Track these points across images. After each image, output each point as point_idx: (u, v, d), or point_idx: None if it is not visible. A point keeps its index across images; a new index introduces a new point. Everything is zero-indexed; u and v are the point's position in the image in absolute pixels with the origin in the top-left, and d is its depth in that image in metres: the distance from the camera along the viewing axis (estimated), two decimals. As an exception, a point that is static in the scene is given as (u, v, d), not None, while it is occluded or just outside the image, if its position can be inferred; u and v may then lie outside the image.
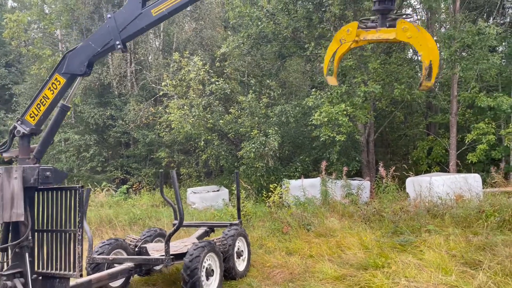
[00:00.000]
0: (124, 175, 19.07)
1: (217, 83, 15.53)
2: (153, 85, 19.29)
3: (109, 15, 4.14)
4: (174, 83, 16.07)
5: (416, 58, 19.54)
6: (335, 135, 13.28)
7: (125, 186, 16.36)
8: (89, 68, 4.15)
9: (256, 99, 15.29)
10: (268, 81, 16.49)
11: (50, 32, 22.09)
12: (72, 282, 4.20)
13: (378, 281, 5.68)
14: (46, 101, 4.03)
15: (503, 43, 15.24)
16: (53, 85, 4.06)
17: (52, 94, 4.05)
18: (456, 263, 6.16)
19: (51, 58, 19.47)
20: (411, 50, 18.30)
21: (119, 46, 4.07)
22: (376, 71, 13.34)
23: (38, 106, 4.03)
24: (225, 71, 17.32)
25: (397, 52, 15.35)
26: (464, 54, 13.28)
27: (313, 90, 15.11)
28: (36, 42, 20.56)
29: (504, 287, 5.13)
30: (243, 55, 17.28)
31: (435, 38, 14.19)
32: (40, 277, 3.91)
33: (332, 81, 4.67)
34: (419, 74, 17.68)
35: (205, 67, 15.82)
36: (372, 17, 4.21)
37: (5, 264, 3.80)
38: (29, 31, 23.61)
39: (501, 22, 17.03)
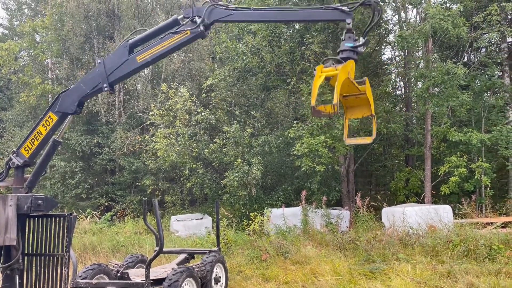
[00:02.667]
0: (109, 202, 19.20)
1: (203, 113, 16.06)
2: (141, 114, 19.74)
3: (99, 60, 4.62)
4: (161, 112, 16.56)
5: (394, 92, 20.46)
6: (315, 165, 13.81)
7: (109, 213, 16.51)
8: (80, 107, 4.59)
9: (241, 129, 15.82)
10: (252, 112, 17.09)
11: (41, 61, 22.54)
12: (57, 303, 4.51)
13: (345, 306, 6.06)
14: (40, 136, 4.47)
15: (476, 81, 16.18)
16: (47, 122, 4.50)
17: (45, 130, 4.48)
18: (420, 290, 6.58)
19: (40, 86, 19.85)
20: (389, 85, 19.22)
21: (106, 89, 4.52)
22: (354, 105, 14.01)
23: (32, 140, 4.46)
24: (211, 101, 17.89)
25: (374, 87, 16.13)
26: (436, 90, 14.10)
27: (295, 122, 15.72)
28: (26, 70, 20.95)
29: (459, 312, 5.55)
30: (230, 86, 17.93)
31: (411, 74, 15.07)
32: (28, 298, 4.23)
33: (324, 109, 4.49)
34: (396, 108, 18.54)
35: (192, 98, 16.38)
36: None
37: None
38: (20, 58, 24.06)
39: (474, 60, 18.05)
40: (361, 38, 4.43)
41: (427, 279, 7.00)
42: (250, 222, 11.69)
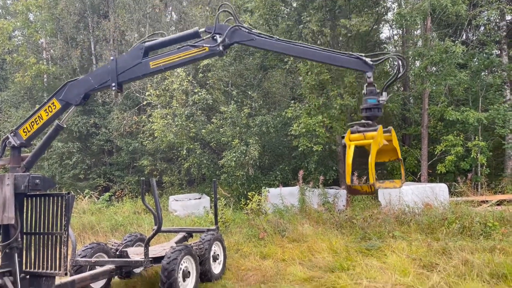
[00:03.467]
0: (107, 182, 19.25)
1: (200, 93, 15.97)
2: (137, 94, 19.62)
3: (112, 57, 4.51)
4: (157, 93, 16.46)
5: (391, 71, 20.33)
6: (312, 145, 13.86)
7: (107, 194, 16.59)
8: (84, 100, 4.52)
9: (238, 110, 15.77)
10: (250, 92, 17.00)
11: (35, 40, 22.24)
12: (57, 281, 4.56)
13: (342, 282, 6.16)
14: (40, 121, 4.43)
15: (474, 59, 16.08)
16: (49, 108, 4.46)
17: (47, 116, 4.44)
18: (415, 266, 6.68)
19: (35, 66, 19.65)
20: (387, 64, 19.09)
21: (114, 88, 4.43)
22: (352, 85, 13.96)
23: (32, 123, 4.42)
24: (208, 81, 17.78)
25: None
26: (434, 69, 14.04)
27: (292, 101, 15.66)
28: (21, 50, 20.69)
29: (454, 286, 5.65)
30: (226, 66, 17.78)
31: (409, 53, 14.95)
32: (28, 276, 4.27)
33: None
34: (394, 87, 18.45)
35: (189, 78, 16.26)
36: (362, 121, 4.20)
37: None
38: (13, 38, 23.72)
39: (472, 39, 17.91)
40: (383, 93, 4.17)
41: (422, 256, 7.10)
42: (248, 201, 11.79)
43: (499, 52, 16.16)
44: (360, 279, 6.17)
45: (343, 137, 3.96)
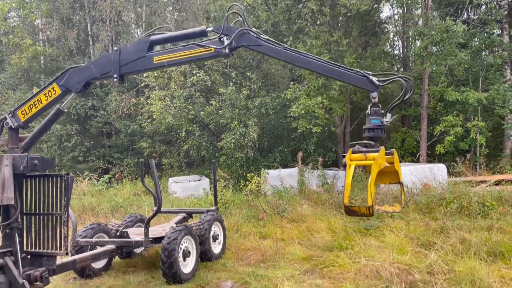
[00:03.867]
0: (106, 164, 19.28)
1: (198, 75, 15.86)
2: (135, 76, 19.47)
3: (116, 48, 4.41)
4: (155, 74, 16.32)
5: (392, 52, 20.19)
6: (311, 127, 13.83)
7: (107, 176, 16.62)
8: (85, 88, 4.45)
9: (237, 91, 15.68)
10: (248, 73, 16.88)
11: (31, 21, 21.96)
12: (58, 261, 4.60)
13: (341, 260, 6.23)
14: (39, 105, 4.39)
15: (474, 39, 15.93)
16: (49, 92, 4.40)
17: (46, 100, 4.39)
18: (413, 245, 6.75)
19: (31, 48, 19.44)
20: (387, 44, 18.94)
21: (115, 79, 4.35)
22: (352, 65, 13.85)
23: (31, 106, 4.38)
24: (206, 62, 17.62)
25: (373, 47, 15.89)
26: (434, 49, 13.92)
27: (292, 83, 15.57)
28: (17, 31, 20.44)
29: (451, 264, 5.71)
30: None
31: (410, 33, 14.80)
32: (29, 256, 4.30)
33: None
34: (394, 68, 18.33)
35: (187, 59, 16.10)
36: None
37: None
38: (9, 19, 23.40)
39: (473, 18, 17.71)
40: (387, 114, 4.01)
41: (420, 235, 7.16)
42: (247, 182, 11.82)
43: (500, 31, 16.00)
44: (358, 258, 6.23)
45: (344, 156, 3.86)
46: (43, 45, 21.60)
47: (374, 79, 3.96)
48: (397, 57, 20.01)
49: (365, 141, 3.93)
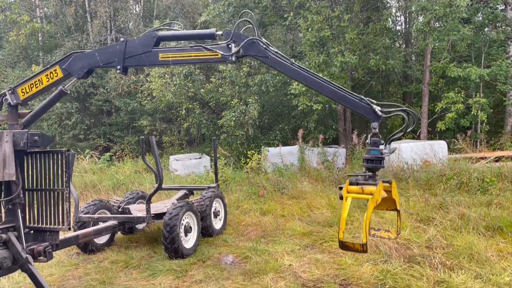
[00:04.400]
0: (107, 143, 19.31)
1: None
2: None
3: (122, 39, 4.32)
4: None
5: (394, 27, 19.91)
6: (312, 104, 13.77)
7: (108, 154, 16.66)
8: (88, 74, 4.39)
9: (237, 69, 15.55)
10: (249, 50, 16.68)
11: (27, -3, 21.62)
12: (61, 236, 4.65)
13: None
14: (40, 85, 4.35)
15: (478, 14, 15.68)
16: (51, 74, 4.35)
17: (47, 81, 4.35)
18: (412, 220, 6.81)
19: (29, 25, 19.20)
20: (389, 19, 18.64)
21: (118, 71, 4.28)
22: (353, 41, 13.69)
23: (31, 86, 4.35)
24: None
25: (374, 22, 15.66)
26: (437, 24, 13.72)
27: (293, 59, 15.41)
28: (14, 7, 20.14)
29: (449, 239, 5.77)
30: (224, 23, 17.36)
31: (413, 8, 14.54)
32: (32, 231, 4.34)
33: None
34: (395, 44, 18.11)
35: (186, 36, 15.90)
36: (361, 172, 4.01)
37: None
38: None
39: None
40: (387, 145, 3.83)
41: (420, 211, 7.22)
42: (248, 160, 11.86)
43: (504, 6, 15.72)
44: (358, 233, 6.30)
45: (340, 188, 3.79)
46: (40, 22, 21.32)
47: (378, 109, 3.84)
48: (399, 33, 19.75)
49: (363, 173, 3.85)
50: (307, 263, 5.32)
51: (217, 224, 7.12)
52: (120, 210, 6.63)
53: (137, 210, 6.57)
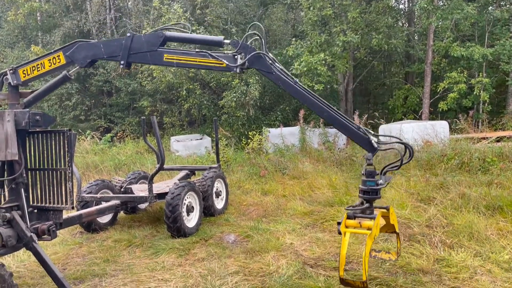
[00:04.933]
0: (108, 123, 19.28)
1: (198, 31, 15.52)
2: (134, 33, 19.06)
3: (128, 34, 4.24)
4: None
5: (396, 6, 19.63)
6: (314, 84, 13.69)
7: (109, 135, 16.66)
8: (90, 64, 4.34)
9: (237, 48, 15.37)
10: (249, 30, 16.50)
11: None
12: (65, 215, 4.68)
13: (341, 215, 6.32)
14: (42, 69, 4.31)
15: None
16: (54, 59, 4.31)
17: (49, 66, 4.31)
18: (413, 200, 6.85)
19: (27, 4, 18.95)
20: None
21: (122, 66, 4.22)
22: (355, 20, 13.52)
23: (33, 68, 4.31)
24: (206, 19, 17.22)
25: (377, 1, 15.43)
26: (441, 3, 13.53)
27: (294, 39, 15.26)
28: (11, -14, 19.86)
29: (450, 218, 5.81)
30: (225, 2, 17.13)
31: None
32: (36, 210, 4.37)
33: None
34: (398, 23, 17.89)
35: (186, 15, 15.72)
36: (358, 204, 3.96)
37: (2, 198, 4.24)
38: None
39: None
40: (382, 176, 3.83)
41: (421, 190, 7.25)
42: (249, 141, 11.86)
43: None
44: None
45: (339, 224, 3.76)
46: (39, 1, 21.02)
47: (374, 140, 3.81)
48: (402, 12, 19.49)
49: (360, 207, 3.83)
50: (308, 242, 5.37)
51: (219, 204, 7.17)
52: (122, 190, 6.67)
53: (139, 190, 6.60)
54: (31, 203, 4.33)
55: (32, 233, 3.99)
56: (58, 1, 20.87)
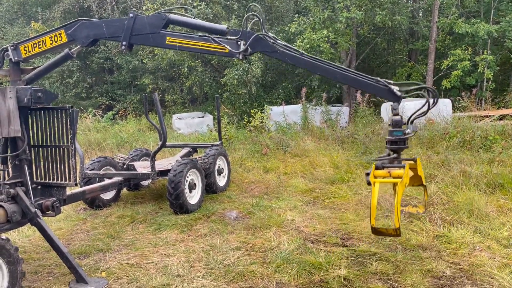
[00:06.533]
0: (110, 101, 19.24)
1: (199, 7, 15.30)
2: (134, 9, 18.81)
3: (131, 14, 4.15)
4: (155, 7, 15.76)
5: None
6: (316, 61, 13.56)
7: (111, 112, 16.66)
8: (92, 43, 4.28)
9: (240, 25, 15.21)
10: (252, 6, 16.25)
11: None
12: (68, 192, 4.74)
13: (342, 192, 6.39)
14: (43, 46, 4.27)
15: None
16: (55, 37, 4.26)
17: (51, 44, 4.26)
18: (414, 177, 6.86)
19: (26, -21, 18.66)
20: None
21: (123, 47, 4.15)
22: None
23: (34, 45, 4.27)
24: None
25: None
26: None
27: (296, 15, 15.04)
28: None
29: (450, 195, 5.85)
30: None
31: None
32: (39, 187, 4.42)
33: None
34: (402, 0, 17.56)
35: (187, -9, 15.47)
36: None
37: (6, 174, 4.28)
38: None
39: None
40: (409, 125, 3.69)
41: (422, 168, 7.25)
42: (251, 119, 11.84)
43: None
44: (359, 190, 6.39)
45: (367, 174, 3.69)
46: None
47: (396, 89, 3.71)
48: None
49: (386, 157, 3.78)
50: (309, 219, 5.43)
51: (221, 181, 7.22)
52: (125, 167, 6.71)
53: (142, 167, 6.64)
54: (34, 179, 4.37)
55: (36, 209, 4.04)
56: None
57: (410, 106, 10.86)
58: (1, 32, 20.35)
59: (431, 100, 3.72)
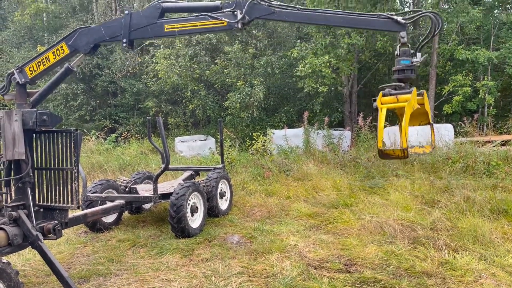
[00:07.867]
0: (113, 124, 19.36)
1: (203, 32, 15.56)
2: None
3: (126, 11, 4.27)
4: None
5: (402, 8, 19.59)
6: (318, 86, 13.70)
7: (114, 135, 16.72)
8: (94, 49, 4.37)
9: (242, 50, 15.44)
10: (254, 31, 16.55)
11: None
12: (70, 215, 4.72)
13: (345, 217, 6.34)
14: (47, 63, 4.35)
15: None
16: (57, 51, 4.35)
17: (54, 59, 4.34)
18: (417, 203, 6.83)
19: (34, 5, 19.08)
20: (397, 1, 18.34)
21: (124, 45, 4.24)
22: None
23: (39, 63, 4.35)
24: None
25: (382, 3, 15.42)
26: (446, 6, 13.51)
27: (298, 41, 15.27)
28: (17, -13, 20.01)
29: (454, 221, 5.80)
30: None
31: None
32: (41, 209, 4.40)
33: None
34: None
35: (191, 16, 15.78)
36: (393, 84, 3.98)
37: (9, 197, 4.27)
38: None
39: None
40: (417, 54, 3.81)
41: (425, 193, 7.23)
42: (253, 142, 11.87)
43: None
44: (362, 215, 6.34)
45: (374, 100, 3.75)
46: (45, 1, 21.18)
47: (399, 18, 3.80)
48: (407, 15, 19.42)
49: (394, 83, 3.84)
50: (312, 244, 5.37)
51: (223, 204, 7.18)
52: (127, 190, 6.69)
53: (144, 190, 6.63)
54: (37, 202, 4.36)
55: (38, 232, 4.02)
56: (65, 2, 21.02)
57: (412, 131, 10.91)
58: (7, 55, 20.67)
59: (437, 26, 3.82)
